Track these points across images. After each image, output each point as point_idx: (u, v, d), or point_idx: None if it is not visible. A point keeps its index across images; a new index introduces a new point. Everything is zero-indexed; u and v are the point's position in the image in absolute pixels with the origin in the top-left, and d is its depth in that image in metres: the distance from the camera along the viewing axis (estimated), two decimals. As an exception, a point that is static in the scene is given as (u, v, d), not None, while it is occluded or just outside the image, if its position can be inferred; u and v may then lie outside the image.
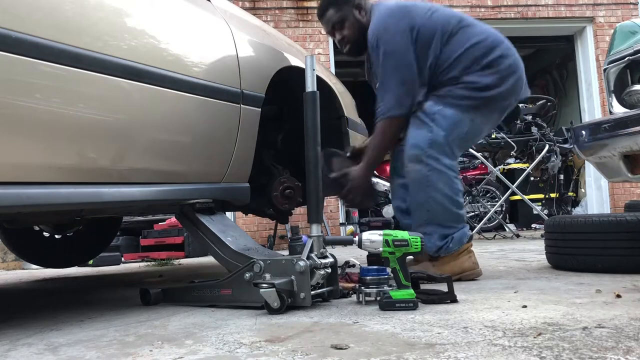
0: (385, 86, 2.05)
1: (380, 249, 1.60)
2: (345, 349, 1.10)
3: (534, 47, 8.53)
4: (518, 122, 5.27)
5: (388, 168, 6.99)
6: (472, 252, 2.12)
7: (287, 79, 2.22)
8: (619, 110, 2.32)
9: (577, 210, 6.77)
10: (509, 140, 4.89)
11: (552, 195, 6.29)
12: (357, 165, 2.16)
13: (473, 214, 5.81)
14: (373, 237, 1.62)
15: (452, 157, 2.07)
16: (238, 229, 2.02)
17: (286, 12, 6.46)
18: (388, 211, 6.08)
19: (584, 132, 2.25)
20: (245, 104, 1.98)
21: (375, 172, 6.71)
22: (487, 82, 2.04)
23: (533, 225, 6.50)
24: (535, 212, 5.53)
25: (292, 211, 2.60)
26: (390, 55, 2.03)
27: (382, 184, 6.19)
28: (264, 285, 1.53)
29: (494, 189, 6.17)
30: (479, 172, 6.38)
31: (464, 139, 2.11)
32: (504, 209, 6.12)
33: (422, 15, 2.08)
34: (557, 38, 7.50)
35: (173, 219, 5.07)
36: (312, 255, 1.64)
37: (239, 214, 5.46)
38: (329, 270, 1.71)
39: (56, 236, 3.24)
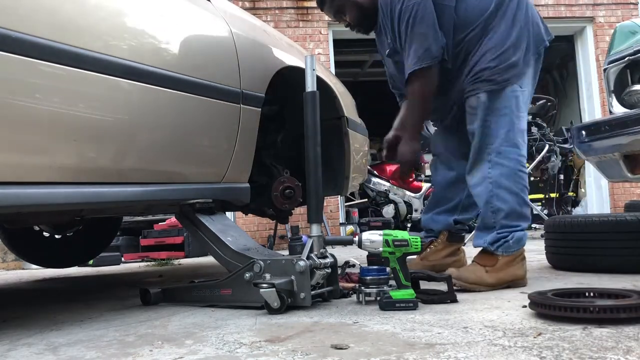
0: (408, 43, 1.86)
1: (380, 249, 1.60)
2: (345, 349, 1.10)
3: (534, 47, 8.51)
4: (518, 122, 5.26)
5: (389, 168, 6.96)
6: (525, 259, 1.93)
7: (287, 79, 2.22)
8: (619, 110, 2.32)
9: (577, 210, 6.76)
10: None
11: (552, 195, 6.28)
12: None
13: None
14: (373, 237, 1.62)
15: (517, 146, 1.88)
16: (238, 229, 2.02)
17: (286, 12, 6.45)
18: (388, 211, 6.08)
19: (584, 132, 2.25)
20: (245, 104, 1.98)
21: (375, 172, 6.70)
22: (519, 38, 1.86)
23: (533, 225, 6.49)
24: (535, 212, 5.52)
25: (292, 211, 2.60)
26: (405, 12, 1.83)
27: (382, 184, 6.19)
28: (264, 285, 1.53)
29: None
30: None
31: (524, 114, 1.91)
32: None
33: None
34: (557, 38, 7.44)
35: (173, 219, 5.07)
36: (312, 255, 1.64)
37: (239, 214, 5.46)
38: (329, 270, 1.71)
39: (56, 236, 3.23)
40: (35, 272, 4.34)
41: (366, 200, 6.49)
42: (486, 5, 1.87)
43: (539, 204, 6.07)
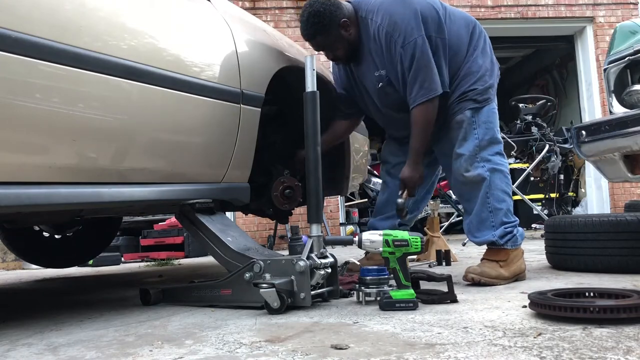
0: (413, 76, 2.03)
1: (380, 249, 1.60)
2: (345, 349, 1.11)
3: (534, 47, 8.53)
4: (518, 122, 5.26)
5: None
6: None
7: (287, 79, 2.21)
8: (619, 110, 2.32)
9: (577, 210, 6.76)
10: (509, 140, 4.88)
11: (552, 195, 6.28)
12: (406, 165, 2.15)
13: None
14: (373, 237, 1.62)
15: (500, 153, 2.11)
16: (238, 229, 2.02)
17: (286, 12, 6.45)
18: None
19: (584, 132, 2.25)
20: (245, 104, 1.98)
21: (375, 172, 6.69)
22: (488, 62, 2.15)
23: (533, 225, 6.49)
24: (535, 212, 5.53)
25: (292, 211, 2.60)
26: (408, 47, 2.00)
27: (380, 183, 6.19)
28: (264, 285, 1.53)
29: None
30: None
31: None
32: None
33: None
34: (557, 38, 7.49)
35: (173, 219, 5.07)
36: (312, 255, 1.64)
37: (239, 214, 5.46)
38: (329, 270, 1.71)
39: (56, 236, 3.23)
40: (35, 272, 4.34)
41: (366, 200, 6.48)
42: (462, 36, 2.13)
43: (539, 204, 6.06)
